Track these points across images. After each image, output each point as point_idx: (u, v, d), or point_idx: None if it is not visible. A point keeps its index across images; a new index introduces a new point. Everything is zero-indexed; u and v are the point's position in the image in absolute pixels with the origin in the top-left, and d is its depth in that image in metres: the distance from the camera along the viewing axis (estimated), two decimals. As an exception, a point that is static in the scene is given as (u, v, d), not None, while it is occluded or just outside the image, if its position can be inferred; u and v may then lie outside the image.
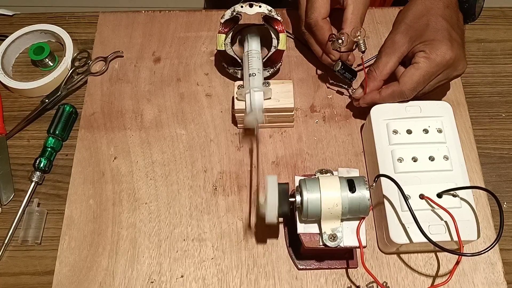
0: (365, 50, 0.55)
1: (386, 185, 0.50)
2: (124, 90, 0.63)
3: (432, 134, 0.52)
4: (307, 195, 0.44)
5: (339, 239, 0.44)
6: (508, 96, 0.63)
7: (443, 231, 0.48)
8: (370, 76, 0.56)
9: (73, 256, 0.53)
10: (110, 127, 0.61)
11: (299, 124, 0.60)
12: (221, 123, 0.61)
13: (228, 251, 0.53)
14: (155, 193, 0.56)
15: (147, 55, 0.66)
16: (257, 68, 0.56)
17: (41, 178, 0.57)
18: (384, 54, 0.55)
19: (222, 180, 0.57)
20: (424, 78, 0.52)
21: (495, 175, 0.58)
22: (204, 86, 0.63)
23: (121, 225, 0.55)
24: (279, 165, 0.58)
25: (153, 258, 0.53)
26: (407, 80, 0.53)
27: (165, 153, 0.59)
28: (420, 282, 0.51)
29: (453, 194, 0.49)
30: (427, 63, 0.52)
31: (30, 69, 0.66)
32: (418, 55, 0.53)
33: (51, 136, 0.59)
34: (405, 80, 0.53)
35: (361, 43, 0.55)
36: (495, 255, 0.52)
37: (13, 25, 0.69)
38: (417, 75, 0.52)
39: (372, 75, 0.56)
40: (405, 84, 0.53)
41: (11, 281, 0.53)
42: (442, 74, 0.53)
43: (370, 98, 0.56)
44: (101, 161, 0.58)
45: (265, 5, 0.57)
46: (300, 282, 0.51)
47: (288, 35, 0.66)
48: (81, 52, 0.66)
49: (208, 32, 0.67)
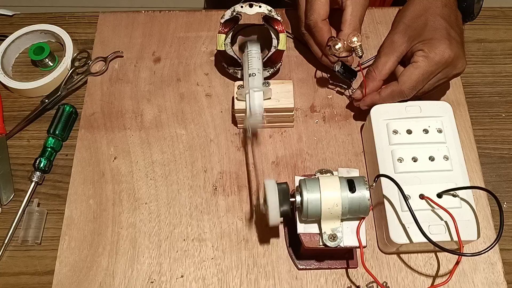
0: (362, 55, 0.55)
1: (386, 185, 0.50)
2: (124, 90, 0.63)
3: (432, 134, 0.52)
4: (307, 195, 0.44)
5: (339, 239, 0.44)
6: (508, 96, 0.63)
7: (443, 231, 0.48)
8: (369, 76, 0.56)
9: (73, 256, 0.53)
10: (110, 127, 0.61)
11: (299, 124, 0.60)
12: (221, 123, 0.61)
13: (228, 251, 0.53)
14: (155, 193, 0.56)
15: (147, 55, 0.66)
16: (257, 68, 0.56)
17: (41, 178, 0.57)
18: (383, 54, 0.55)
19: (222, 180, 0.57)
20: (423, 77, 0.52)
21: (495, 175, 0.58)
22: (204, 86, 0.63)
23: (121, 225, 0.55)
24: (279, 165, 0.58)
25: (153, 258, 0.53)
26: (406, 80, 0.53)
27: (165, 153, 0.59)
28: (420, 282, 0.51)
29: (453, 194, 0.49)
30: (426, 62, 0.52)
31: (30, 69, 0.66)
32: (417, 54, 0.53)
33: (51, 136, 0.59)
34: (404, 80, 0.53)
35: (358, 49, 0.55)
36: (495, 255, 0.52)
37: (13, 25, 0.69)
38: (416, 74, 0.52)
39: (371, 75, 0.55)
40: (404, 83, 0.53)
41: (11, 281, 0.53)
42: (442, 72, 0.53)
43: (370, 100, 0.56)
44: (101, 161, 0.58)
45: (265, 5, 0.57)
46: (300, 282, 0.51)
47: (288, 35, 0.66)
48: (81, 52, 0.66)
49: (208, 32, 0.67)
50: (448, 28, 0.53)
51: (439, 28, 0.53)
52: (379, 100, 0.55)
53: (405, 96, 0.54)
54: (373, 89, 0.56)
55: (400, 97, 0.54)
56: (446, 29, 0.53)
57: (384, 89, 0.55)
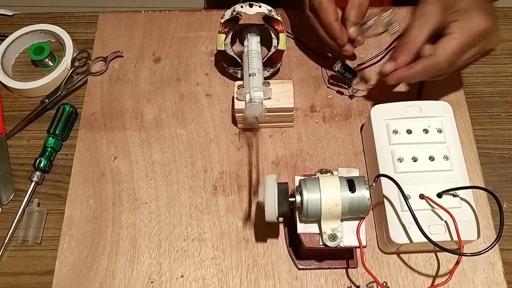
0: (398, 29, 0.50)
1: (386, 185, 0.50)
2: (124, 90, 0.63)
3: (432, 134, 0.52)
4: (307, 195, 0.44)
5: (339, 239, 0.44)
6: (508, 96, 0.63)
7: (443, 231, 0.48)
8: (399, 49, 0.51)
9: (73, 256, 0.53)
10: (110, 127, 0.61)
11: (299, 124, 0.60)
12: (221, 123, 0.61)
13: (228, 251, 0.53)
14: (155, 193, 0.56)
15: (147, 55, 0.66)
16: (257, 68, 0.56)
17: (41, 178, 0.57)
18: (414, 27, 0.51)
19: (222, 180, 0.57)
20: (460, 49, 0.49)
21: (495, 175, 0.58)
22: (204, 86, 0.63)
23: (121, 225, 0.55)
24: (279, 165, 0.58)
25: (153, 258, 0.53)
26: (442, 52, 0.49)
27: (165, 153, 0.59)
28: (420, 282, 0.51)
29: (453, 194, 0.49)
30: (462, 33, 0.49)
31: (30, 69, 0.66)
32: (452, 25, 0.49)
33: (51, 136, 0.59)
34: (440, 52, 0.49)
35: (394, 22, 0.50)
36: (495, 255, 0.52)
37: (13, 25, 0.69)
38: (452, 45, 0.49)
39: (402, 49, 0.51)
40: (440, 56, 0.49)
41: (11, 281, 0.53)
42: (477, 46, 0.50)
43: (400, 74, 0.52)
44: (101, 161, 0.58)
45: (265, 5, 0.57)
46: (300, 282, 0.51)
47: (288, 35, 0.66)
48: (81, 52, 0.66)
49: (208, 32, 0.67)
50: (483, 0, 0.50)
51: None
52: (410, 75, 0.51)
53: (440, 70, 0.50)
54: (403, 64, 0.52)
55: (435, 72, 0.50)
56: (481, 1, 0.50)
57: (416, 63, 0.51)
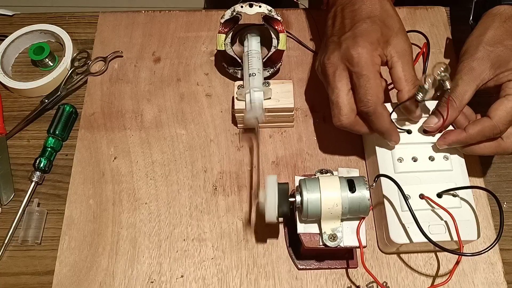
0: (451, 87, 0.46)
1: (386, 185, 0.50)
2: (124, 90, 0.63)
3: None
4: (307, 195, 0.44)
5: (339, 239, 0.44)
6: (508, 96, 0.63)
7: (443, 231, 0.48)
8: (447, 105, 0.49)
9: (73, 256, 0.53)
10: (110, 127, 0.61)
11: (299, 124, 0.60)
12: (221, 123, 0.61)
13: (228, 251, 0.53)
14: (155, 193, 0.56)
15: (147, 55, 0.66)
16: (257, 68, 0.56)
17: (41, 178, 0.57)
18: (462, 82, 0.49)
19: (222, 180, 0.57)
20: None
21: (495, 175, 0.58)
22: (204, 86, 0.63)
23: (121, 225, 0.55)
24: (279, 165, 0.58)
25: (153, 258, 0.53)
26: (501, 114, 0.47)
27: (165, 153, 0.59)
28: (420, 282, 0.51)
29: (453, 194, 0.49)
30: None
31: (30, 69, 0.66)
32: (508, 86, 0.48)
33: (51, 136, 0.59)
34: (498, 114, 0.48)
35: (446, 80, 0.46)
36: (495, 255, 0.52)
37: (13, 25, 0.69)
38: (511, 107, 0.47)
39: (450, 105, 0.49)
40: (499, 118, 0.47)
41: (11, 281, 0.53)
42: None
43: (454, 138, 0.50)
44: (101, 161, 0.58)
45: (265, 5, 0.57)
46: (300, 282, 0.51)
47: (288, 35, 0.66)
48: (81, 52, 0.66)
49: (208, 32, 0.67)
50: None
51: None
52: (465, 138, 0.49)
53: (499, 132, 0.48)
54: (451, 120, 0.50)
55: (492, 134, 0.48)
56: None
57: (471, 126, 0.49)
